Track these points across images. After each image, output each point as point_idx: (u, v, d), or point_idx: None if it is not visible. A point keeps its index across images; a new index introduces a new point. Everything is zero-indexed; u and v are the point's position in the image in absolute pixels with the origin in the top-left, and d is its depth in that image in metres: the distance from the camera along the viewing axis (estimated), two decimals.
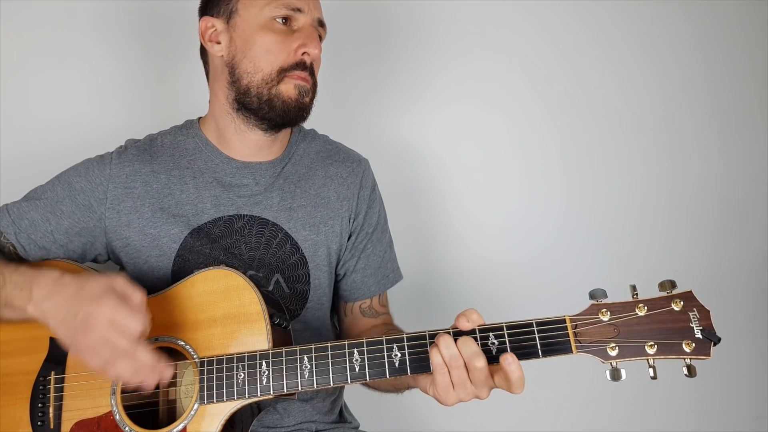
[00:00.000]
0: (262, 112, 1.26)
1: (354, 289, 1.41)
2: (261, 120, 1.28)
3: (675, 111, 2.03)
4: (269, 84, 1.24)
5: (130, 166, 1.30)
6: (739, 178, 2.07)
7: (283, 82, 1.24)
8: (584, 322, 1.03)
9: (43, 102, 1.64)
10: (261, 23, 1.24)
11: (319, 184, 1.37)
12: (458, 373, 1.01)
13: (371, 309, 1.42)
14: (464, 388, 1.02)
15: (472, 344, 1.01)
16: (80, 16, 1.67)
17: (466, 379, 1.02)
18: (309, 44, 1.25)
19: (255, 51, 1.24)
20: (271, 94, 1.25)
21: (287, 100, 1.25)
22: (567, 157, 1.94)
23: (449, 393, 1.03)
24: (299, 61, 1.25)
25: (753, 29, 2.10)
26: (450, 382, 1.02)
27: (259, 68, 1.24)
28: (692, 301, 1.01)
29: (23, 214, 1.26)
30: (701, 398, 2.02)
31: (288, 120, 1.28)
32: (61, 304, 1.06)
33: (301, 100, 1.26)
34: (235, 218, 1.30)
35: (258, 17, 1.25)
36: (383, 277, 1.43)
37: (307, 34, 1.26)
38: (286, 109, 1.25)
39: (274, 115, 1.26)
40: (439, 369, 1.02)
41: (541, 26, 1.94)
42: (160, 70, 1.72)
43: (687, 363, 0.99)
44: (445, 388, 1.03)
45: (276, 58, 1.24)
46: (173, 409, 1.19)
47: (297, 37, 1.25)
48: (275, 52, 1.24)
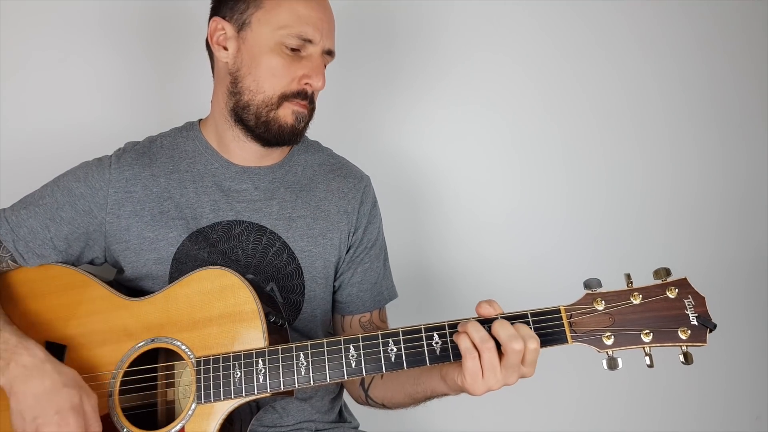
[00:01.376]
0: (257, 131, 1.28)
1: (349, 303, 1.41)
2: (256, 137, 1.29)
3: (675, 110, 2.02)
4: (269, 107, 1.25)
5: (130, 170, 1.30)
6: (739, 178, 2.06)
7: (282, 107, 1.26)
8: (579, 312, 1.02)
9: (43, 103, 1.64)
10: (271, 45, 1.24)
11: (320, 197, 1.37)
12: (489, 356, 1.00)
13: (371, 323, 1.42)
14: (494, 374, 1.01)
15: (508, 327, 1.01)
16: (81, 17, 1.67)
17: (496, 363, 1.01)
18: (314, 76, 1.26)
19: (260, 71, 1.25)
20: (269, 117, 1.26)
21: (283, 125, 1.26)
22: (567, 157, 1.94)
23: (478, 380, 1.02)
24: (301, 90, 1.26)
25: (753, 29, 2.10)
26: (480, 367, 1.01)
27: (262, 89, 1.25)
28: (687, 288, 1.01)
29: (22, 221, 1.26)
30: (701, 398, 2.00)
31: (281, 142, 1.30)
32: (26, 397, 1.08)
33: (297, 126, 1.28)
34: (234, 224, 1.30)
35: (270, 38, 1.24)
36: (378, 293, 1.43)
37: (314, 66, 1.26)
38: (281, 133, 1.27)
39: (269, 137, 1.28)
40: (468, 353, 1.01)
41: (541, 26, 1.94)
42: (162, 71, 1.72)
43: (683, 350, 0.98)
44: (475, 374, 1.02)
45: (279, 83, 1.24)
46: (172, 410, 1.20)
47: (303, 66, 1.25)
48: (280, 76, 1.24)
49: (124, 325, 1.18)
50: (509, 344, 0.99)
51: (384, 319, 1.45)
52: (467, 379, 1.03)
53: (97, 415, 1.09)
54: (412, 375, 1.22)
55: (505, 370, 1.02)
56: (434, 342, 1.05)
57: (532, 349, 1.00)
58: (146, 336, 1.17)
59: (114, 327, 1.19)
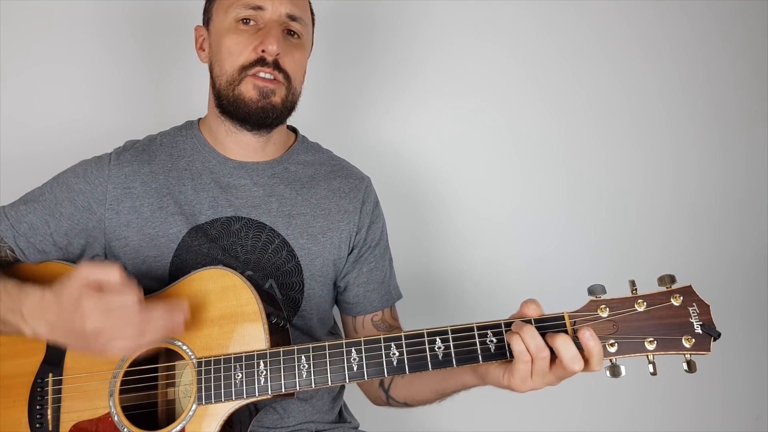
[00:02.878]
0: (234, 114, 1.28)
1: (358, 303, 1.41)
2: (239, 121, 1.29)
3: (675, 110, 2.02)
4: (232, 84, 1.25)
5: (129, 166, 1.30)
6: (739, 178, 2.06)
7: (243, 82, 1.25)
8: (583, 319, 1.02)
9: (42, 102, 1.64)
10: (227, 26, 1.26)
11: (320, 195, 1.37)
12: (542, 365, 1.00)
13: (384, 322, 1.42)
14: (542, 378, 1.02)
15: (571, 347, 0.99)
16: (80, 17, 1.67)
17: (547, 370, 1.01)
18: (266, 41, 1.24)
19: (222, 54, 1.26)
20: (234, 95, 1.25)
21: (247, 101, 1.25)
22: (568, 157, 1.94)
23: (527, 382, 1.02)
24: (258, 59, 1.24)
25: (753, 29, 2.10)
26: (530, 371, 1.01)
27: (224, 70, 1.26)
28: (692, 295, 1.00)
29: (21, 217, 1.26)
30: (701, 398, 2.01)
31: (254, 120, 1.27)
32: (54, 325, 1.06)
33: (265, 100, 1.25)
34: (233, 220, 1.30)
35: (225, 21, 1.27)
36: (386, 292, 1.43)
37: (266, 31, 1.25)
38: (247, 110, 1.25)
39: (242, 115, 1.27)
40: (522, 357, 1.00)
41: (542, 25, 1.94)
42: (160, 71, 1.73)
43: (687, 358, 0.98)
44: (524, 377, 1.02)
45: (237, 59, 1.25)
46: (172, 410, 1.19)
47: (258, 35, 1.25)
48: (236, 52, 1.25)
49: None
50: (571, 366, 0.99)
51: (395, 317, 1.45)
52: (515, 380, 1.03)
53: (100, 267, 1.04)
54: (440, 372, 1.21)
55: (553, 376, 1.02)
56: (437, 347, 1.05)
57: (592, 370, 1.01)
58: None
59: None
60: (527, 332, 1.00)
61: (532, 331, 1.00)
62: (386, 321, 1.42)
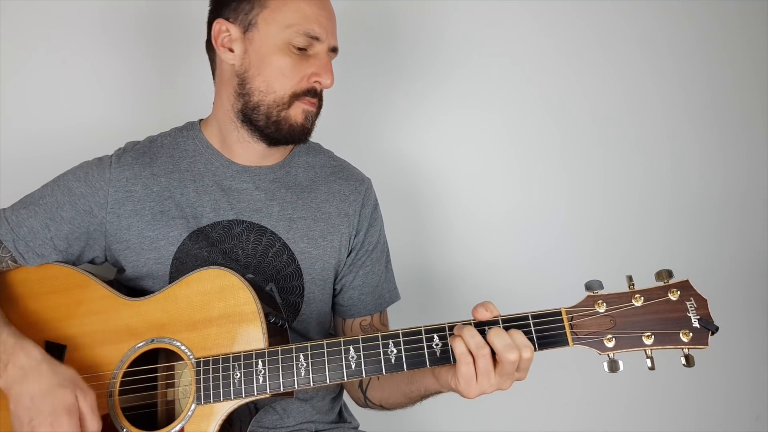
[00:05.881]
0: (267, 131, 1.28)
1: (350, 306, 1.41)
2: (264, 136, 1.29)
3: (675, 111, 2.02)
4: (280, 107, 1.25)
5: (130, 169, 1.30)
6: (739, 178, 2.06)
7: (293, 107, 1.26)
8: (580, 314, 1.02)
9: (44, 103, 1.63)
10: (279, 44, 1.24)
11: (320, 199, 1.37)
12: (484, 363, 1.01)
13: (372, 327, 1.42)
14: (488, 379, 1.02)
15: (504, 336, 1.01)
16: (83, 17, 1.66)
17: (491, 369, 1.01)
18: (323, 74, 1.26)
19: (270, 71, 1.24)
20: (280, 117, 1.26)
21: (294, 124, 1.27)
22: (567, 157, 1.93)
23: (472, 385, 1.02)
24: (311, 88, 1.27)
25: (753, 29, 2.10)
26: (474, 372, 1.02)
27: (272, 89, 1.25)
28: (689, 290, 1.00)
29: (22, 221, 1.26)
30: (701, 398, 2.00)
31: (290, 141, 1.31)
32: (23, 398, 1.08)
33: (306, 125, 1.28)
34: (234, 223, 1.30)
35: (277, 38, 1.24)
36: (379, 296, 1.43)
37: (322, 63, 1.26)
38: (291, 131, 1.27)
39: (279, 136, 1.28)
40: (463, 359, 1.01)
41: (541, 27, 1.94)
42: (164, 71, 1.72)
43: (685, 353, 0.98)
44: (469, 379, 1.02)
45: (289, 82, 1.25)
46: (172, 410, 1.20)
47: (312, 64, 1.26)
48: (290, 76, 1.24)
49: (124, 325, 1.18)
50: (504, 354, 0.99)
51: (385, 322, 1.45)
52: (461, 383, 1.03)
53: (95, 412, 1.08)
54: (406, 374, 1.22)
55: (499, 377, 1.02)
56: (434, 344, 1.05)
57: (527, 358, 1.01)
58: (146, 336, 1.16)
59: (114, 327, 1.19)
60: (467, 333, 1.01)
61: (472, 331, 1.02)
62: (374, 326, 1.42)
